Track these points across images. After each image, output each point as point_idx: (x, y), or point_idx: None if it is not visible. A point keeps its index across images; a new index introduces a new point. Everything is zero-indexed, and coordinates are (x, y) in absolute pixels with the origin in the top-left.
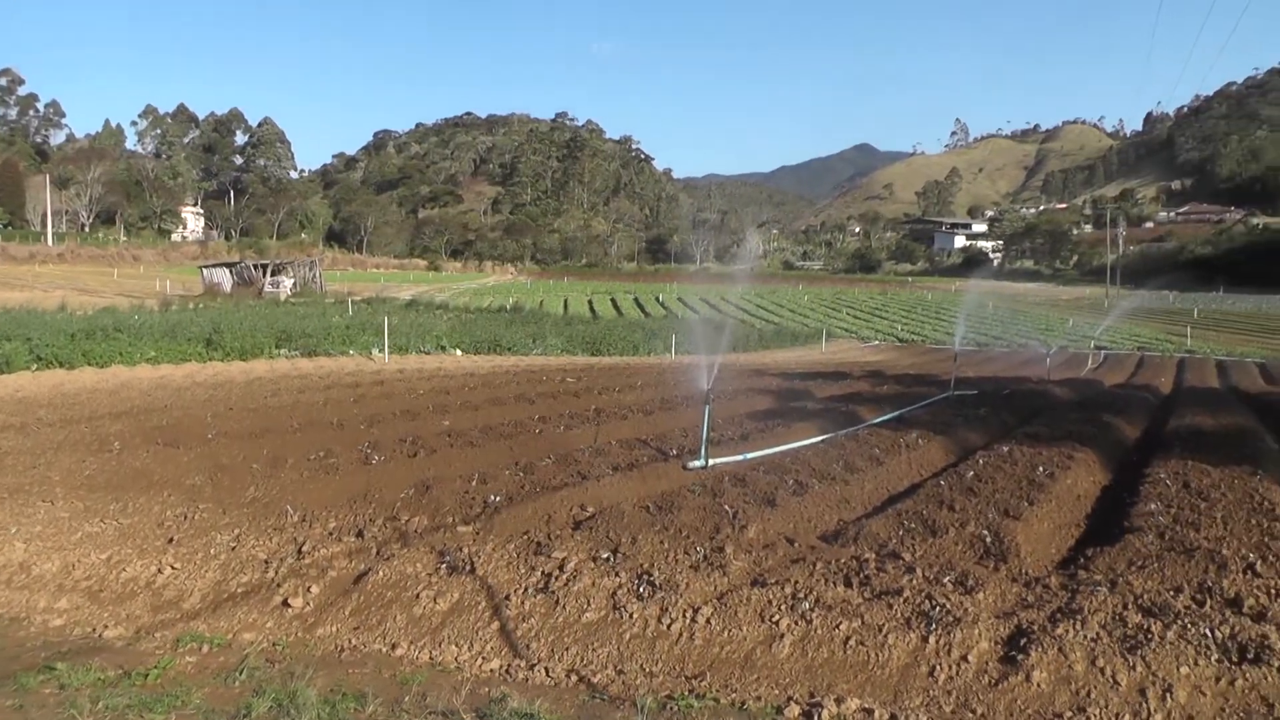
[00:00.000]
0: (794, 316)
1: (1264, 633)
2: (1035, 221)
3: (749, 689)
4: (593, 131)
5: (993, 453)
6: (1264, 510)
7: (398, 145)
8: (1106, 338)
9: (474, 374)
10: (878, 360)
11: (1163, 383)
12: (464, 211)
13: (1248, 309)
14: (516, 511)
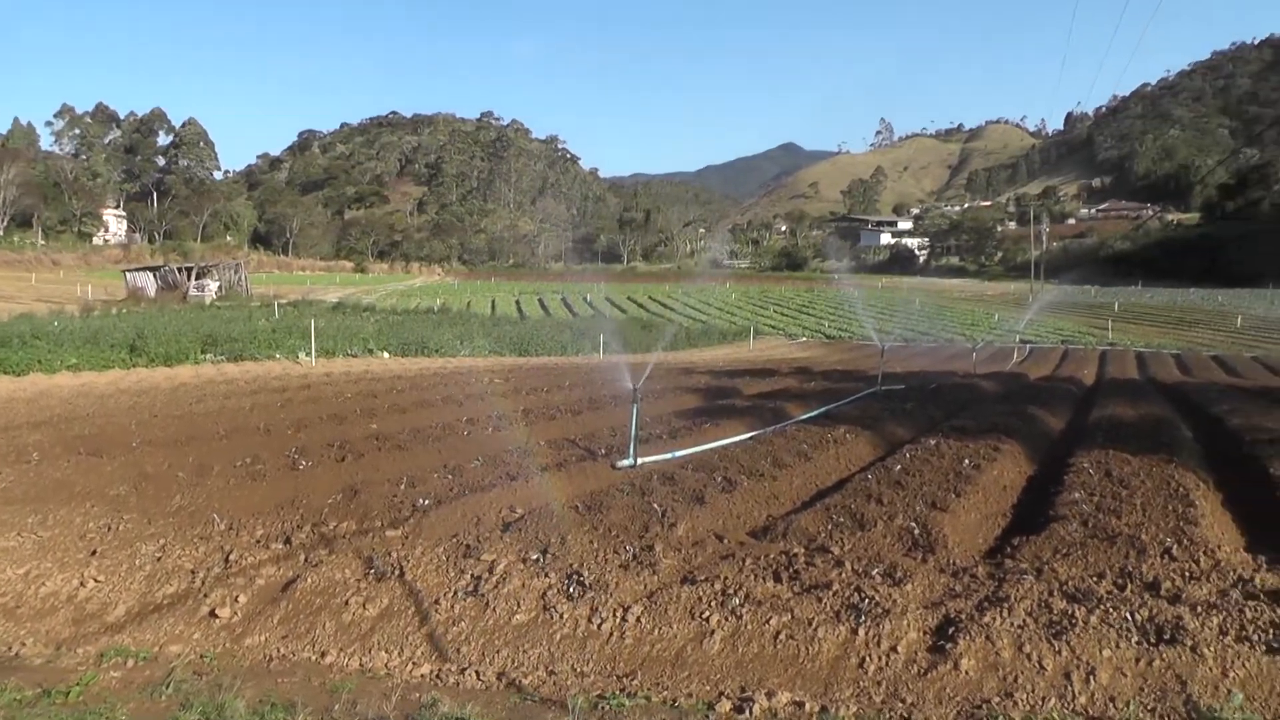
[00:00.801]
0: (722, 315)
1: (1179, 614)
2: (960, 219)
3: (680, 686)
4: (518, 131)
5: (920, 446)
6: (1179, 496)
7: (323, 145)
8: (1031, 331)
9: (402, 376)
10: (805, 357)
11: (1086, 375)
12: (390, 212)
13: (1164, 302)
14: (445, 514)
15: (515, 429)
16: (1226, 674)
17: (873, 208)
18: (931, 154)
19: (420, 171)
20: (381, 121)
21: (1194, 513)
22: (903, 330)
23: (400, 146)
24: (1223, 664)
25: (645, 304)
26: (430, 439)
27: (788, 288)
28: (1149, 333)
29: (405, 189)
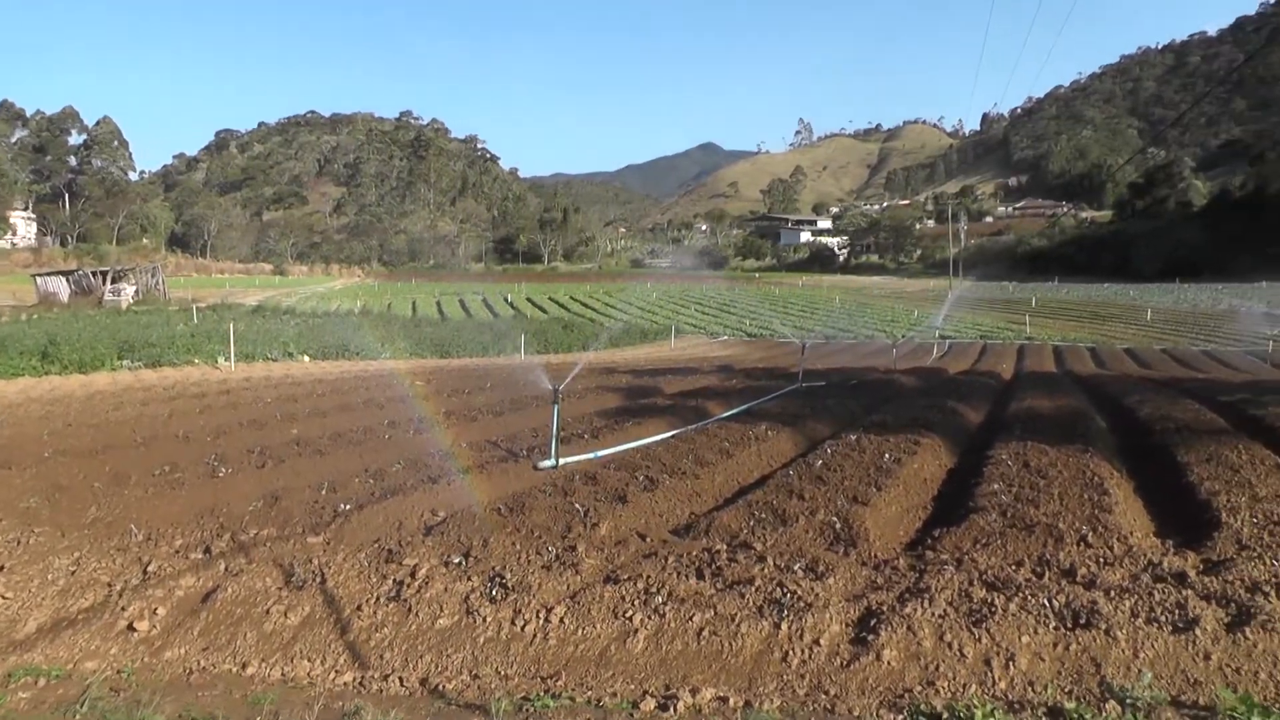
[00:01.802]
0: (643, 314)
1: (1094, 599)
2: (879, 217)
3: (604, 686)
4: (438, 131)
5: (841, 442)
6: (1095, 485)
7: (240, 145)
8: (951, 327)
9: (322, 380)
10: (727, 355)
11: (1004, 369)
12: (309, 213)
13: (1080, 297)
14: (367, 519)
15: (437, 431)
16: (1137, 654)
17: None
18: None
19: (339, 172)
20: (300, 121)
21: (1108, 501)
22: (824, 328)
23: (319, 146)
24: (1134, 645)
25: (566, 304)
26: (352, 443)
27: (708, 286)
28: (1065, 327)
29: (324, 189)
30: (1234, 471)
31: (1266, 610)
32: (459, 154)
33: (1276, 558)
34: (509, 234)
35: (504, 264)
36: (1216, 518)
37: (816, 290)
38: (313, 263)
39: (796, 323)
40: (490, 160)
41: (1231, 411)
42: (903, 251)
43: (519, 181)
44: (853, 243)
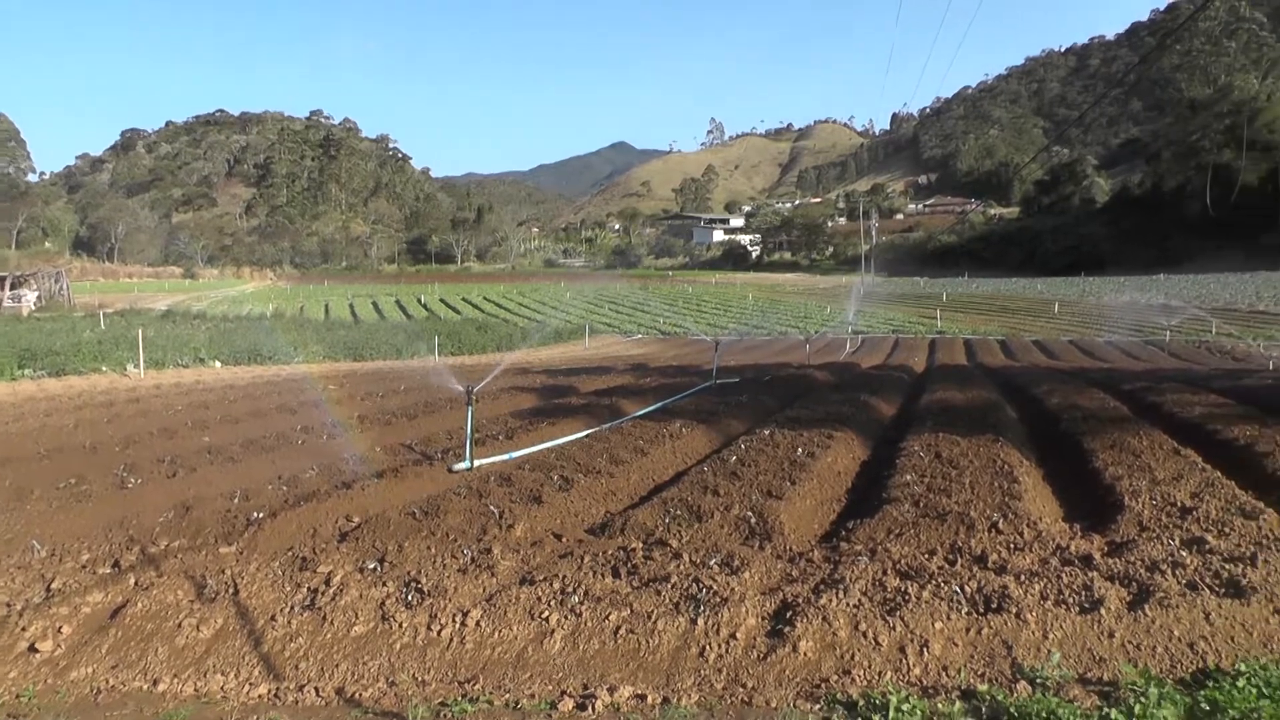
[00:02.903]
0: (557, 314)
1: (1005, 584)
2: (791, 215)
3: (522, 687)
4: (349, 130)
5: (755, 437)
6: (1005, 474)
7: (147, 145)
8: (864, 322)
9: (234, 386)
10: (641, 354)
11: (916, 362)
12: (220, 215)
13: (989, 291)
14: (280, 527)
15: (351, 435)
16: (1047, 636)
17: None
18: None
19: (249, 172)
20: (208, 120)
21: (1018, 488)
22: (738, 325)
23: (228, 146)
24: (1043, 627)
25: (480, 304)
26: (265, 449)
27: (622, 285)
28: (975, 321)
29: (234, 190)
30: (1135, 457)
31: (1164, 588)
32: (370, 154)
33: (1174, 538)
34: (422, 234)
35: (417, 265)
36: (1120, 501)
37: (730, 288)
38: (224, 265)
39: (710, 320)
40: (402, 160)
41: (1133, 399)
42: (815, 249)
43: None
44: (765, 240)
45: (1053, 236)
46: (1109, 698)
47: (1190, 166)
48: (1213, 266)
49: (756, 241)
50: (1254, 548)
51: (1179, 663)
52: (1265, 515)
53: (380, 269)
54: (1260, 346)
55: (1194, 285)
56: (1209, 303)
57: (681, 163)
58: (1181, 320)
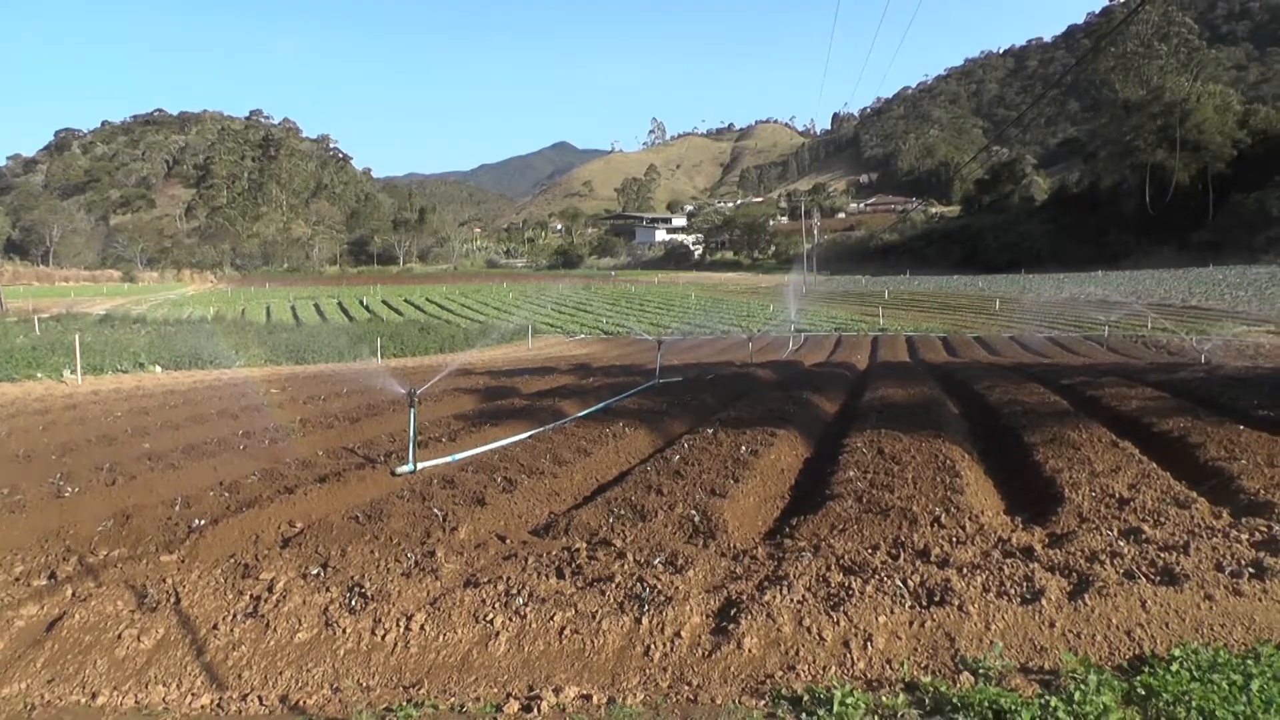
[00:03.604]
0: (499, 314)
1: (947, 577)
2: (733, 215)
3: (467, 691)
4: (289, 130)
5: (699, 436)
6: (947, 468)
7: (83, 145)
8: (806, 320)
9: (175, 391)
10: (584, 354)
11: (859, 360)
12: (159, 217)
13: (931, 289)
14: (222, 533)
15: (293, 440)
16: (989, 627)
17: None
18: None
19: (189, 173)
20: (146, 119)
21: (960, 482)
22: (680, 324)
23: (167, 146)
24: (986, 618)
25: (422, 305)
26: (206, 455)
27: (565, 285)
28: (917, 318)
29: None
30: (1075, 450)
31: (1103, 578)
32: (311, 154)
33: (1112, 528)
34: (363, 236)
35: (359, 266)
36: (1060, 494)
37: (672, 287)
38: (163, 268)
39: (653, 320)
40: (343, 160)
41: (1072, 394)
42: (757, 248)
43: (373, 182)
44: (707, 240)
45: (993, 234)
46: (1050, 686)
47: (1126, 166)
48: (1148, 263)
49: (699, 241)
50: (1187, 536)
51: (1117, 650)
52: (1198, 504)
53: (322, 271)
54: (1193, 341)
55: (1130, 281)
56: (1145, 298)
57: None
58: (1119, 316)
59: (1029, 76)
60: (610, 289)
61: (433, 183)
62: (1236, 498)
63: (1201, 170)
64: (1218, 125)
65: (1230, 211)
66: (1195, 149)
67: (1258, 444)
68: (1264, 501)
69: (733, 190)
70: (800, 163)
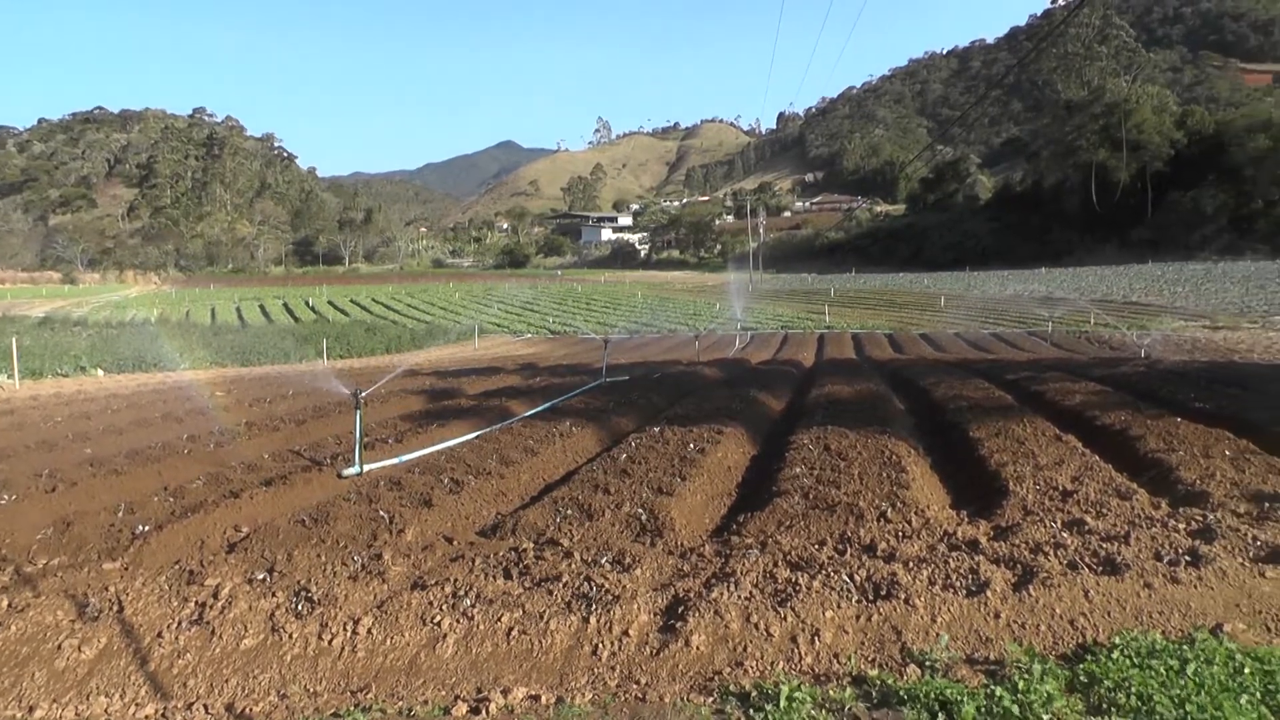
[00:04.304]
0: (446, 314)
1: (893, 571)
2: (679, 214)
3: (415, 694)
4: (233, 128)
5: (645, 434)
6: (893, 464)
7: (19, 144)
8: (753, 319)
9: (118, 395)
10: (531, 354)
11: (805, 357)
12: (100, 217)
13: (876, 286)
14: (167, 540)
15: (239, 443)
16: (935, 619)
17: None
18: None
19: (131, 172)
20: (86, 117)
21: (906, 478)
22: (627, 323)
23: (108, 145)
24: (932, 611)
25: (369, 306)
26: (150, 460)
27: (511, 285)
28: (864, 315)
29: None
30: (1019, 444)
31: (1047, 569)
32: (256, 153)
33: (1056, 520)
34: (309, 235)
35: (304, 266)
36: (1005, 487)
37: (619, 286)
38: (105, 270)
39: (600, 319)
40: (288, 159)
41: (1017, 389)
42: (704, 246)
43: (317, 181)
44: (654, 239)
45: (938, 232)
46: (995, 676)
47: (1068, 165)
48: (1090, 260)
49: (645, 240)
50: (1128, 526)
51: (1061, 639)
52: (1138, 495)
53: (267, 271)
54: (1134, 336)
55: (1073, 278)
56: (1087, 295)
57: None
58: (1062, 312)
59: (972, 77)
60: (557, 288)
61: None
62: (1175, 488)
63: (1141, 169)
64: (1156, 126)
65: (1168, 210)
66: (1135, 149)
67: (1194, 436)
68: (1200, 491)
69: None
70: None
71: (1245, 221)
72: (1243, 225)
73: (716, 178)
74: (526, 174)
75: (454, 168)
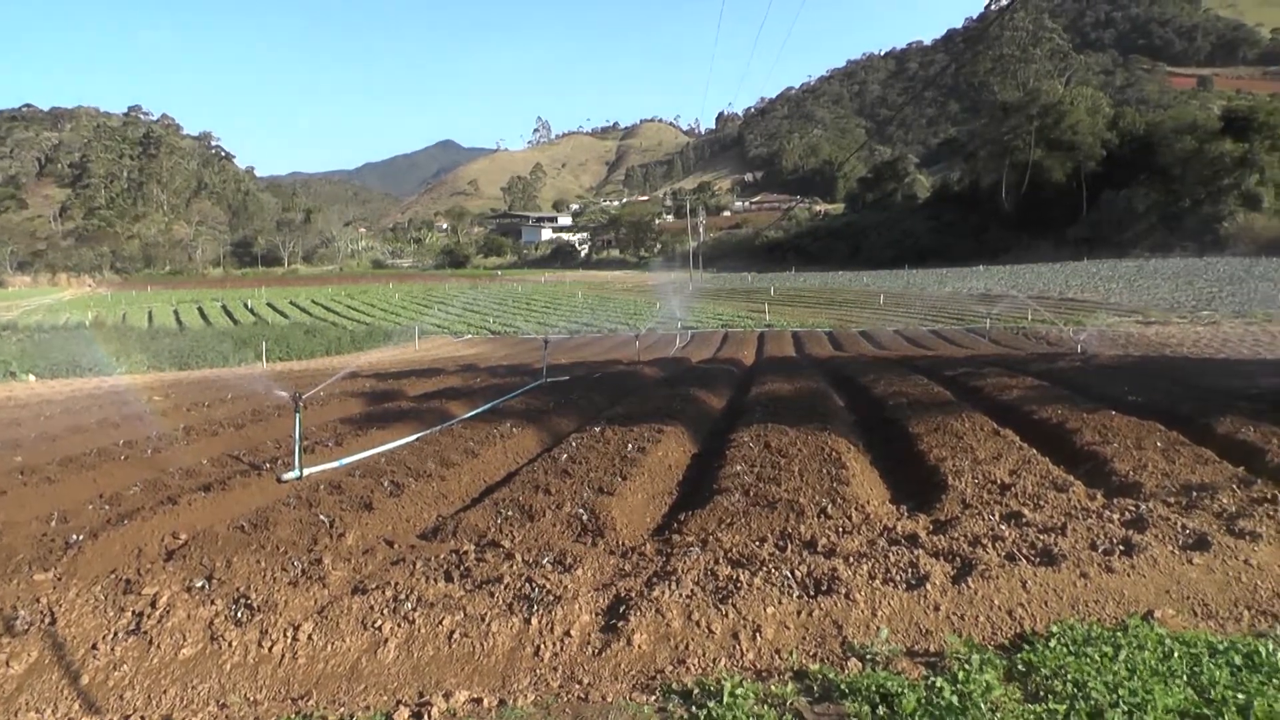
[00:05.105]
0: (386, 315)
1: (834, 566)
2: (619, 213)
3: (357, 699)
4: (169, 127)
5: (586, 434)
6: (833, 460)
7: None
8: (693, 318)
9: (51, 401)
10: (472, 354)
11: (745, 356)
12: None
13: (816, 285)
14: (102, 548)
15: (177, 448)
16: (875, 613)
17: (533, 204)
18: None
19: (63, 172)
20: (14, 115)
21: (846, 474)
22: (567, 323)
23: (38, 144)
24: (872, 605)
25: (308, 308)
26: (84, 467)
27: (451, 285)
28: (803, 314)
29: (47, 191)
30: (958, 439)
31: (985, 561)
32: (193, 152)
33: (994, 513)
34: (247, 236)
35: (243, 268)
36: (944, 481)
37: (559, 286)
38: (37, 272)
39: (541, 319)
40: (226, 159)
41: (956, 384)
42: (644, 246)
43: (256, 181)
44: (594, 238)
45: (877, 231)
46: (935, 667)
47: (1004, 164)
48: (1026, 257)
49: (585, 240)
50: (1064, 518)
51: (999, 629)
52: (1074, 487)
53: (205, 273)
54: (1071, 331)
55: (1010, 275)
56: (1025, 291)
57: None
58: (1000, 309)
59: (910, 78)
60: (497, 288)
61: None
62: (1109, 480)
63: (1075, 169)
64: (1090, 127)
65: (1102, 208)
66: (1069, 149)
67: (1128, 428)
68: (1134, 482)
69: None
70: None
71: (1174, 219)
72: (1172, 223)
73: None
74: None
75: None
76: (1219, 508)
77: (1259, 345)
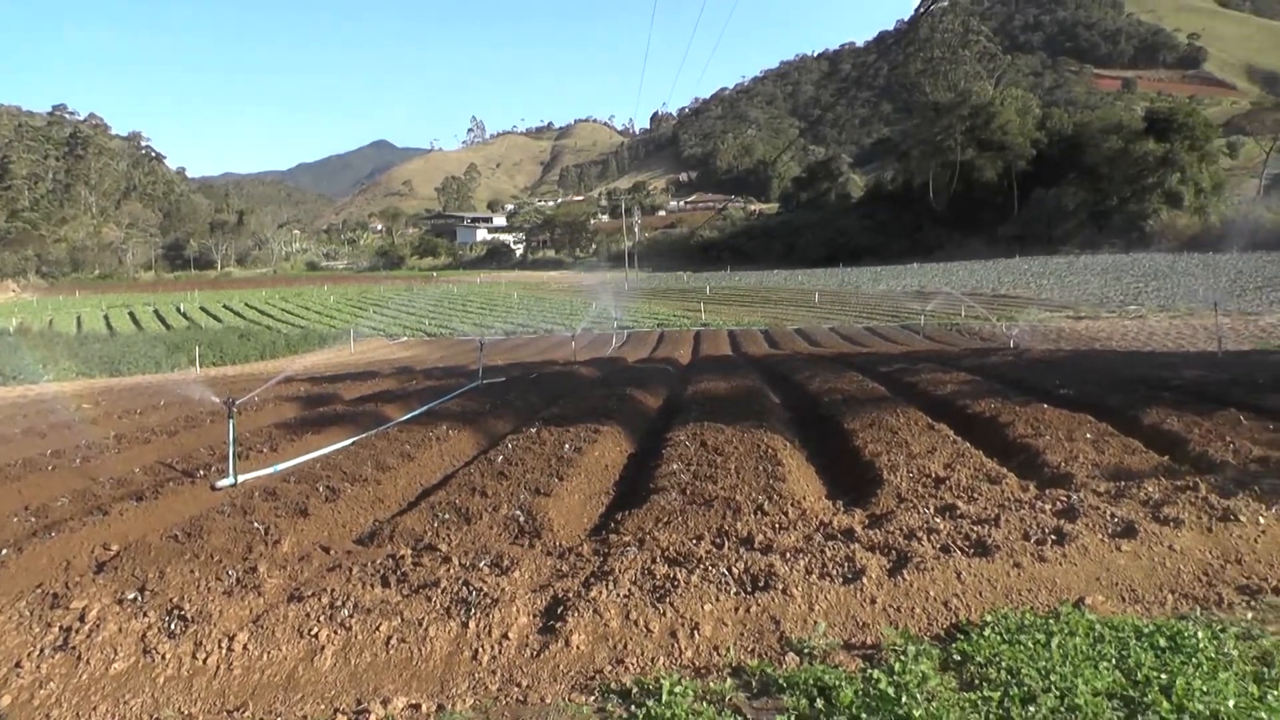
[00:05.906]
0: (320, 318)
1: (771, 562)
2: (554, 213)
3: (294, 709)
4: (96, 127)
5: (522, 436)
6: (769, 457)
7: None
8: (629, 317)
9: None
10: (408, 356)
11: (681, 355)
12: None
13: (752, 284)
14: (28, 562)
15: (107, 457)
16: (813, 608)
17: (468, 204)
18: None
19: None
20: None
21: (782, 470)
22: (503, 324)
23: None
24: (809, 600)
25: (242, 311)
26: (9, 478)
27: (386, 287)
28: (739, 313)
29: None
30: (893, 434)
31: (920, 553)
32: (122, 153)
33: (929, 506)
34: (179, 239)
35: (175, 271)
36: (879, 476)
37: (495, 286)
38: None
39: (476, 320)
40: (156, 159)
41: (890, 380)
42: (579, 246)
43: (187, 183)
44: (529, 239)
45: (812, 230)
46: (872, 659)
47: (936, 164)
48: (959, 255)
49: (520, 240)
50: (998, 510)
51: (935, 620)
52: (1007, 480)
53: (136, 277)
54: (1003, 327)
55: (944, 273)
56: (958, 288)
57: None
58: (934, 305)
59: (843, 79)
60: (433, 289)
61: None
62: (1041, 471)
63: (1006, 168)
64: (1019, 127)
65: (1032, 206)
66: (1000, 148)
67: (1059, 420)
68: (1065, 473)
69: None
70: (620, 161)
71: (1103, 217)
72: (1100, 220)
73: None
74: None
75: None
76: (1145, 496)
77: (1182, 338)
